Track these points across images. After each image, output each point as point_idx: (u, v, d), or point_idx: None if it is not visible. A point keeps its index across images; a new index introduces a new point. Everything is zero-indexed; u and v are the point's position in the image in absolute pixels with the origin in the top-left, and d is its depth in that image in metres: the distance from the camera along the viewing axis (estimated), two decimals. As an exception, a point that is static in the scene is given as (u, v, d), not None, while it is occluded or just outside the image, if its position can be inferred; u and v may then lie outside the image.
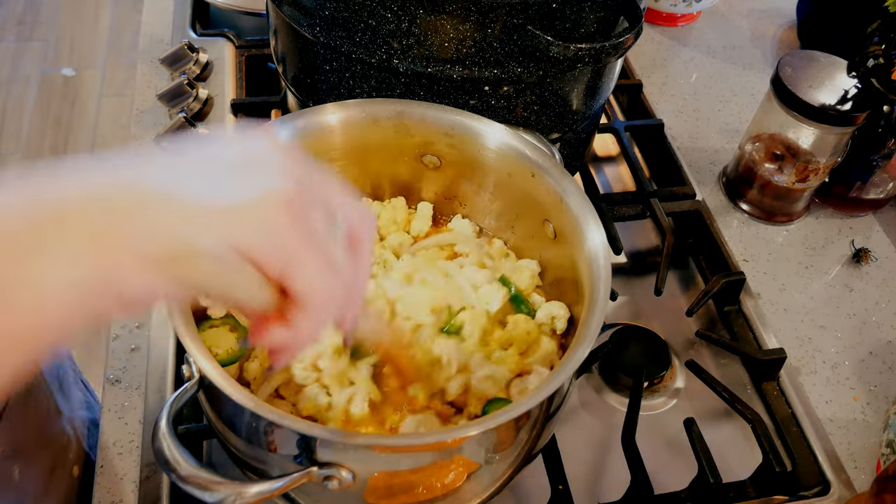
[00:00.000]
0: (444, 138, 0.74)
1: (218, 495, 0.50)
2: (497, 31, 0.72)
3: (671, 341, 0.88)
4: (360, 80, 0.78)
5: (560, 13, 0.72)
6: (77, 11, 3.04)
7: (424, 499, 0.59)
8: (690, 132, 1.12)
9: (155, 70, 1.11)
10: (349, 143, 0.74)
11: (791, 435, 0.80)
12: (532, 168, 0.71)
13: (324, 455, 0.54)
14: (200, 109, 1.04)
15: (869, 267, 0.98)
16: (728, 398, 0.80)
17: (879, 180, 0.99)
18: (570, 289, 0.71)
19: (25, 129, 2.60)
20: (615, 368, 0.83)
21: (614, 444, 0.78)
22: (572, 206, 0.68)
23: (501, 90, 0.77)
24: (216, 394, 0.57)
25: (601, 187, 1.02)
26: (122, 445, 0.74)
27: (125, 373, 0.79)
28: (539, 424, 0.62)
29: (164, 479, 0.72)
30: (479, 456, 0.58)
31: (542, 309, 0.71)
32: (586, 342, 0.58)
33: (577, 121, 0.86)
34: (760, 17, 1.34)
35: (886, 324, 0.92)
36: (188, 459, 0.51)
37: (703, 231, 0.97)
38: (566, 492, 0.72)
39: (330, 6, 0.74)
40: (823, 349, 0.89)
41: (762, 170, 0.98)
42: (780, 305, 0.92)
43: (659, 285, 0.89)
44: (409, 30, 0.72)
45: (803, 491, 0.76)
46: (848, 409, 0.84)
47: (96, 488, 0.71)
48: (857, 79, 0.91)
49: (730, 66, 1.23)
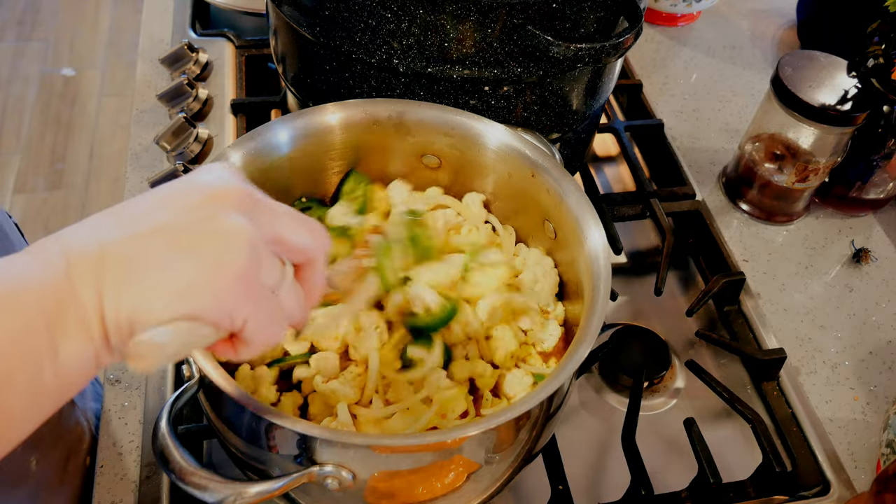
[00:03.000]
0: (444, 138, 0.74)
1: (218, 495, 0.50)
2: (497, 31, 0.72)
3: (671, 341, 0.88)
4: (360, 80, 0.78)
5: (560, 13, 0.72)
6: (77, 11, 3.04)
7: (424, 499, 0.59)
8: (690, 132, 1.12)
9: (155, 70, 1.11)
10: (349, 143, 0.74)
11: (791, 435, 0.80)
12: (532, 168, 0.71)
13: (324, 455, 0.54)
14: (200, 109, 1.04)
15: (869, 267, 0.98)
16: (728, 398, 0.80)
17: (879, 180, 0.99)
18: (570, 289, 0.71)
19: (25, 129, 2.60)
20: (615, 368, 0.83)
21: (614, 444, 0.78)
22: (572, 206, 0.68)
23: (501, 90, 0.77)
24: (216, 394, 0.57)
25: (601, 187, 1.02)
26: (122, 445, 0.74)
27: (125, 373, 0.79)
28: (539, 424, 0.62)
29: (164, 479, 0.72)
30: (479, 456, 0.58)
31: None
32: (586, 342, 0.58)
33: (577, 121, 0.86)
34: (760, 17, 1.34)
35: (886, 324, 0.92)
36: (188, 459, 0.51)
37: (703, 231, 0.97)
38: (566, 492, 0.72)
39: (330, 6, 0.74)
40: (823, 349, 0.89)
41: (762, 170, 0.98)
42: (780, 305, 0.92)
43: (659, 285, 0.89)
44: (409, 30, 0.72)
45: (803, 491, 0.76)
46: (848, 409, 0.84)
47: (96, 488, 0.71)
48: (857, 79, 0.91)
49: (730, 66, 1.23)
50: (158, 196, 0.45)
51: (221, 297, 0.42)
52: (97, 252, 0.41)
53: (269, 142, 0.69)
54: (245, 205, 0.45)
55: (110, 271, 0.41)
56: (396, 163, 0.77)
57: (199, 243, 0.42)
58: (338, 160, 0.75)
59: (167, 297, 0.41)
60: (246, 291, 0.43)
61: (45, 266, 0.40)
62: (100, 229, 0.42)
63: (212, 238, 0.42)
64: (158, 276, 0.41)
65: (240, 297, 0.43)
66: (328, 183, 0.77)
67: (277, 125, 0.70)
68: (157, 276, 0.41)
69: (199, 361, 0.54)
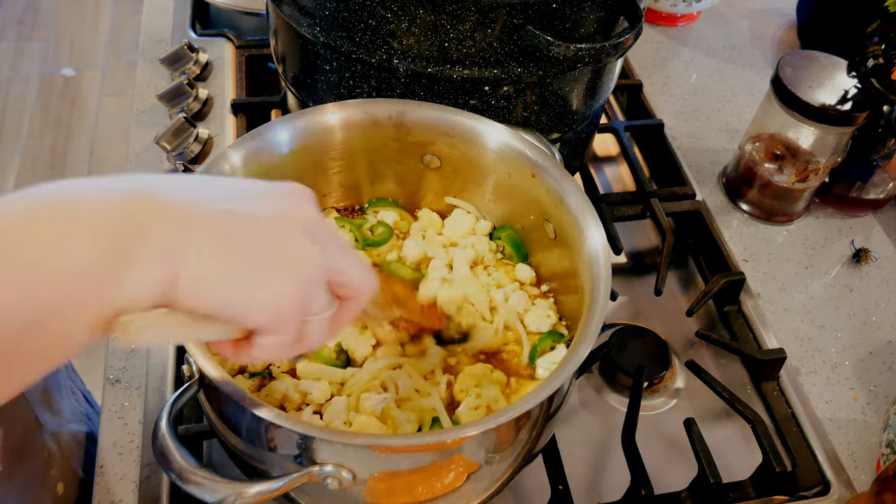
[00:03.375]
0: (444, 138, 0.74)
1: (218, 495, 0.50)
2: (497, 31, 0.72)
3: (671, 341, 0.88)
4: (360, 80, 0.78)
5: (560, 13, 0.72)
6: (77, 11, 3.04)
7: (424, 499, 0.59)
8: (690, 132, 1.12)
9: (155, 70, 1.11)
10: (349, 143, 0.74)
11: (791, 435, 0.80)
12: (532, 168, 0.71)
13: (324, 455, 0.54)
14: (200, 109, 1.04)
15: (869, 267, 0.98)
16: (728, 398, 0.80)
17: (879, 180, 0.99)
18: (570, 289, 0.71)
19: (25, 129, 2.60)
20: (615, 368, 0.83)
21: (614, 444, 0.78)
22: (572, 206, 0.68)
23: (501, 90, 0.77)
24: (216, 394, 0.57)
25: (601, 187, 1.02)
26: (122, 445, 0.74)
27: (125, 373, 0.79)
28: (539, 424, 0.62)
29: (164, 479, 0.72)
30: (479, 456, 0.58)
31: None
32: (586, 342, 0.58)
33: (577, 121, 0.86)
34: (760, 17, 1.34)
35: (886, 324, 0.92)
36: (188, 459, 0.51)
37: (703, 231, 0.97)
38: (566, 492, 0.72)
39: (330, 6, 0.74)
40: (823, 349, 0.89)
41: (762, 170, 0.98)
42: (780, 305, 0.92)
43: (659, 285, 0.89)
44: (409, 30, 0.72)
45: (803, 491, 0.76)
46: (848, 409, 0.84)
47: (96, 488, 0.71)
48: (857, 79, 0.91)
49: (730, 66, 1.23)
50: (250, 186, 0.46)
51: (272, 307, 0.43)
52: (202, 205, 0.41)
53: (269, 142, 0.69)
54: (320, 231, 0.46)
55: (207, 232, 0.41)
56: (396, 163, 0.77)
57: (278, 254, 0.43)
58: (338, 160, 0.75)
59: (237, 286, 0.42)
60: (292, 311, 0.44)
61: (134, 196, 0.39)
62: (195, 189, 0.43)
63: (289, 254, 0.44)
64: (242, 260, 0.42)
65: (284, 314, 0.44)
66: (328, 183, 0.77)
67: (277, 125, 0.70)
68: (241, 261, 0.42)
69: (199, 361, 0.54)
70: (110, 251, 0.38)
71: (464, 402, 0.65)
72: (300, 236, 0.45)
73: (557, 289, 0.75)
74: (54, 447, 0.78)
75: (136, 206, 0.39)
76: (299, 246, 0.44)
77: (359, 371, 0.66)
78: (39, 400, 0.77)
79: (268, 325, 0.44)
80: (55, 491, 0.76)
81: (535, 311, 0.72)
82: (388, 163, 0.77)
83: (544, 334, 0.71)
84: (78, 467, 0.81)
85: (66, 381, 0.86)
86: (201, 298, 0.41)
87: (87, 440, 0.85)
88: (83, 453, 0.83)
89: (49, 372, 0.40)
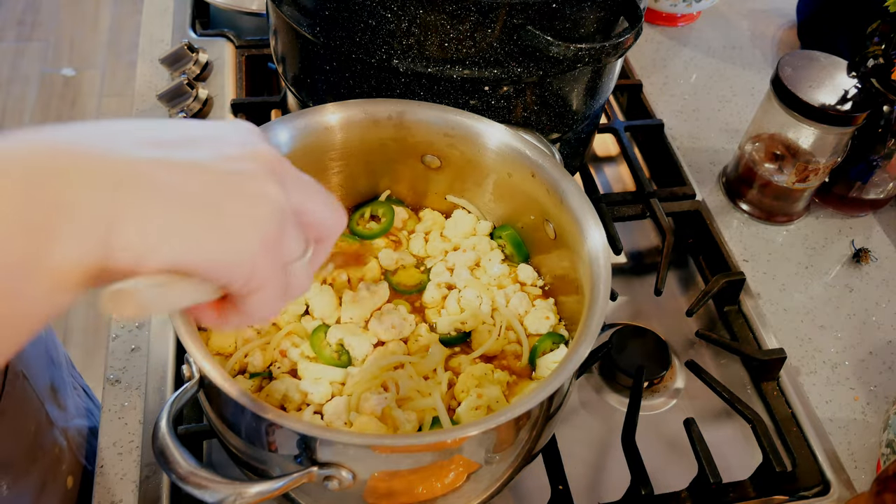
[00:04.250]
0: (444, 138, 0.74)
1: (218, 495, 0.50)
2: (497, 31, 0.72)
3: (671, 341, 0.88)
4: (360, 80, 0.78)
5: (560, 13, 0.72)
6: (77, 11, 3.04)
7: (424, 499, 0.59)
8: (690, 132, 1.12)
9: (155, 70, 1.11)
10: (349, 143, 0.74)
11: (791, 435, 0.80)
12: (532, 168, 0.71)
13: (324, 455, 0.54)
14: (200, 109, 1.04)
15: (869, 267, 0.98)
16: (728, 398, 0.80)
17: (879, 180, 0.99)
18: (570, 289, 0.71)
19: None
20: (615, 368, 0.83)
21: (614, 444, 0.78)
22: (572, 206, 0.68)
23: (501, 90, 0.77)
24: (216, 394, 0.57)
25: (601, 187, 1.02)
26: (122, 445, 0.74)
27: (125, 373, 0.79)
28: (539, 424, 0.62)
29: (164, 479, 0.72)
30: (479, 456, 0.58)
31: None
32: (586, 342, 0.58)
33: (577, 121, 0.86)
34: (760, 17, 1.34)
35: (886, 324, 0.92)
36: (188, 459, 0.51)
37: (703, 231, 0.97)
38: (566, 492, 0.72)
39: (330, 6, 0.74)
40: (823, 349, 0.89)
41: (762, 170, 0.98)
42: (780, 305, 0.92)
43: (659, 285, 0.89)
44: (409, 30, 0.72)
45: (803, 491, 0.76)
46: (848, 409, 0.84)
47: (96, 488, 0.71)
48: (857, 79, 0.91)
49: (730, 66, 1.23)
50: (192, 129, 0.41)
51: (243, 258, 0.40)
52: (125, 164, 0.36)
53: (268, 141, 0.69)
54: (277, 170, 0.43)
55: (136, 192, 0.36)
56: (396, 163, 0.77)
57: (233, 198, 0.39)
58: (338, 160, 0.75)
59: (188, 242, 0.38)
60: (268, 259, 0.41)
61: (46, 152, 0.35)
62: (120, 138, 0.38)
63: (246, 197, 0.40)
64: (188, 216, 0.38)
65: (260, 264, 0.41)
66: (328, 183, 0.77)
67: (277, 125, 0.70)
68: (186, 217, 0.38)
69: (198, 361, 0.54)
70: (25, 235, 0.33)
71: (464, 402, 0.65)
72: (264, 179, 0.41)
73: (557, 289, 0.75)
74: (63, 443, 0.78)
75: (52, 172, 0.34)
76: (266, 190, 0.41)
77: (359, 371, 0.66)
78: (49, 398, 0.78)
79: (237, 277, 0.40)
80: (65, 485, 0.77)
81: (535, 312, 0.72)
82: (388, 163, 0.77)
83: (543, 336, 0.71)
84: (84, 461, 0.82)
85: (69, 377, 0.87)
86: (171, 261, 0.37)
87: (90, 434, 0.86)
88: (87, 447, 0.84)
89: (21, 342, 0.36)
